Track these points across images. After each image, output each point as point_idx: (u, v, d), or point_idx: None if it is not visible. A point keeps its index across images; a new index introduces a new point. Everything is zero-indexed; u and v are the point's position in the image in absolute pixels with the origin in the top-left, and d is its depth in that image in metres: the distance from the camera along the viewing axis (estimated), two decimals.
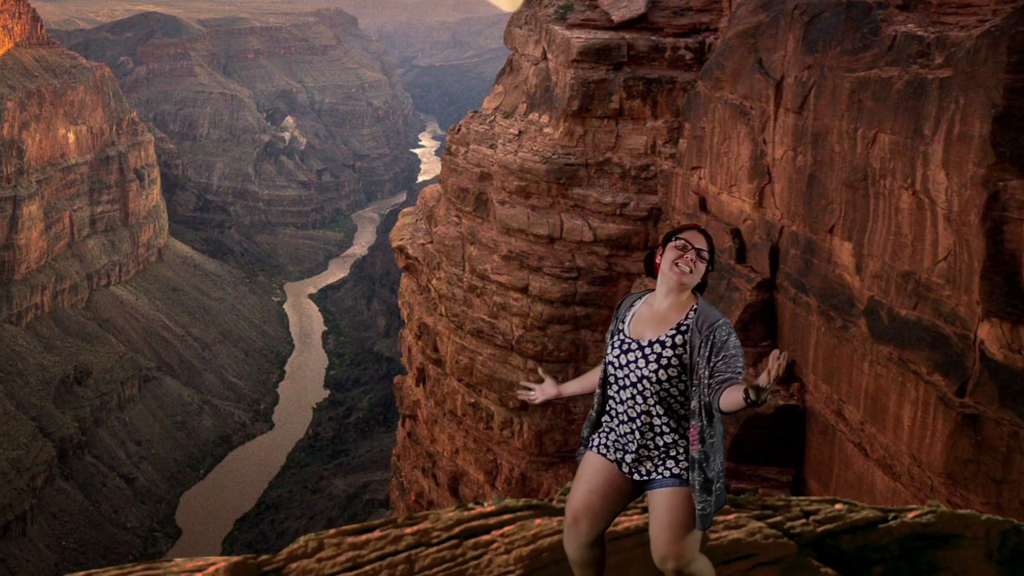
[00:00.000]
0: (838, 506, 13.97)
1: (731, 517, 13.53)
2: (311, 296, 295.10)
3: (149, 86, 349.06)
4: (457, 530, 13.47)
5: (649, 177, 51.21)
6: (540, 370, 13.73)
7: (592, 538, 11.51)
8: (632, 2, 52.28)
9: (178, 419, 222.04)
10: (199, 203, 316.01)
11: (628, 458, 11.57)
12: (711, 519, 11.28)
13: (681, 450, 11.43)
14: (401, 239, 69.94)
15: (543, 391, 12.71)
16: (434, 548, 13.11)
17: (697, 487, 11.15)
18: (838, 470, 37.65)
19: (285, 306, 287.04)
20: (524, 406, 54.14)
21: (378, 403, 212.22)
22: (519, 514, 13.90)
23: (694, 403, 11.20)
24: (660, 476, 11.41)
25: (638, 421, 11.48)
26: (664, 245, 11.63)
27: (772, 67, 41.86)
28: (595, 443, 11.94)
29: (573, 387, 12.83)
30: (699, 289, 11.64)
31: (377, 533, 13.55)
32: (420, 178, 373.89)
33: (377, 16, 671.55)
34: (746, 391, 10.59)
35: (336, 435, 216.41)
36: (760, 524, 13.30)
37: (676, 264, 11.37)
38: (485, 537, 13.25)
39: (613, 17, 52.61)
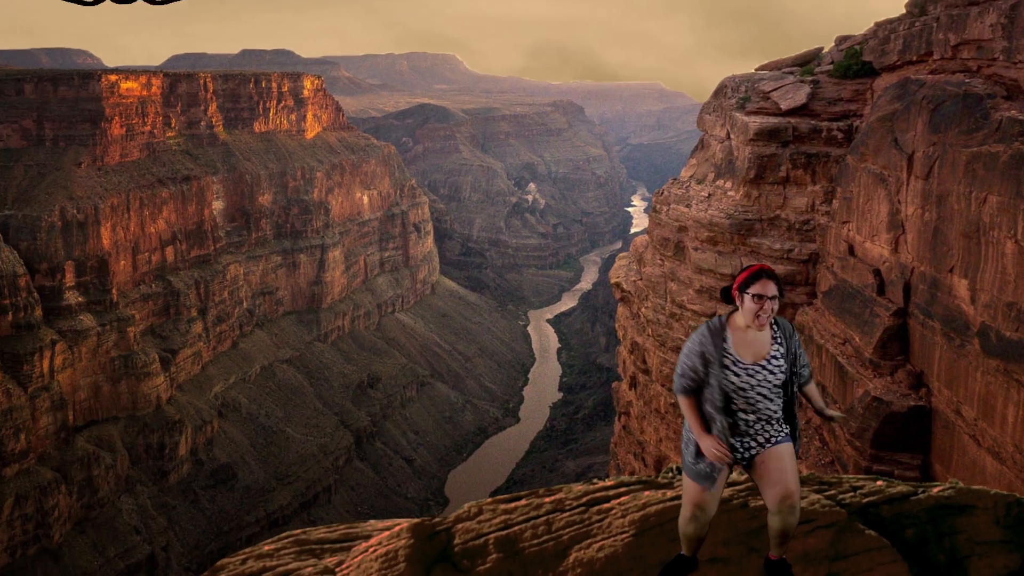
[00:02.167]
0: (879, 482, 13.95)
1: None
2: (548, 320, 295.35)
3: (424, 160, 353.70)
4: (585, 499, 13.82)
5: (809, 229, 50.23)
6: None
7: (708, 521, 11.63)
8: (796, 94, 51.72)
9: (446, 415, 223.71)
10: (463, 249, 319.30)
11: (751, 453, 11.55)
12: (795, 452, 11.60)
13: (783, 419, 11.61)
14: (618, 277, 69.61)
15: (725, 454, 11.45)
16: (567, 513, 13.46)
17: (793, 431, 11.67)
18: (957, 456, 36.74)
19: (529, 328, 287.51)
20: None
21: (600, 403, 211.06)
22: (632, 488, 14.19)
23: (790, 389, 11.58)
24: (779, 437, 11.49)
25: (768, 413, 11.50)
26: (740, 289, 11.33)
27: (905, 144, 41.14)
28: (736, 454, 11.53)
29: (694, 426, 11.76)
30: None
31: (524, 501, 14.08)
32: (632, 230, 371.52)
33: (599, 106, 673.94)
34: (820, 411, 12.01)
35: (567, 427, 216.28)
36: (818, 496, 13.36)
37: (758, 316, 11.21)
38: (606, 505, 13.54)
39: (781, 106, 51.94)
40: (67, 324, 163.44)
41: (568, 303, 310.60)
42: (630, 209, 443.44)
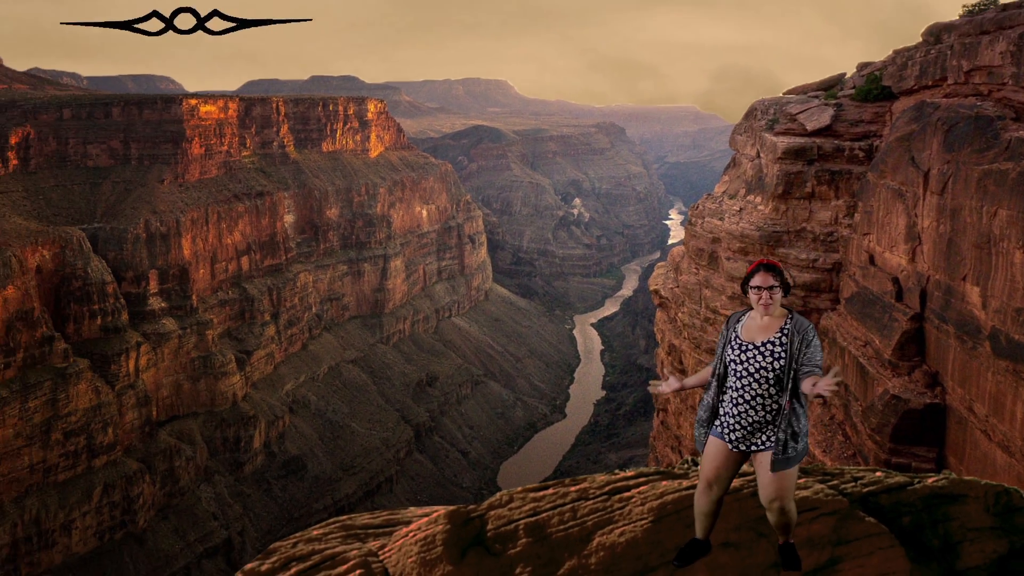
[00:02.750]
0: (878, 473, 14.03)
1: (802, 481, 13.48)
2: (592, 324, 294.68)
3: (479, 177, 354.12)
4: (607, 488, 13.86)
5: (833, 240, 50.13)
6: (667, 370, 14.02)
7: (720, 496, 11.85)
8: (820, 116, 51.78)
9: (499, 411, 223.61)
10: (513, 259, 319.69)
11: (736, 435, 11.74)
12: (798, 460, 11.57)
13: (779, 423, 11.63)
14: (656, 284, 69.69)
15: (670, 385, 12.57)
16: (591, 501, 13.54)
17: (787, 437, 11.49)
18: (969, 450, 36.74)
19: (574, 332, 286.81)
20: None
21: (640, 400, 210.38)
22: (651, 478, 14.28)
23: (791, 385, 11.55)
24: (768, 444, 11.60)
25: (753, 401, 11.68)
26: (745, 283, 11.95)
27: (921, 162, 41.22)
28: (716, 430, 11.97)
29: (692, 381, 12.71)
30: (785, 291, 11.81)
31: (551, 490, 14.08)
32: (669, 241, 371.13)
33: (639, 127, 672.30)
34: (807, 392, 11.45)
35: (610, 422, 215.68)
36: (822, 486, 13.46)
37: (760, 304, 11.69)
38: (627, 494, 13.58)
39: (807, 127, 52.02)
40: (151, 327, 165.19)
41: (610, 308, 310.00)
42: (667, 222, 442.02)
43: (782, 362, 11.61)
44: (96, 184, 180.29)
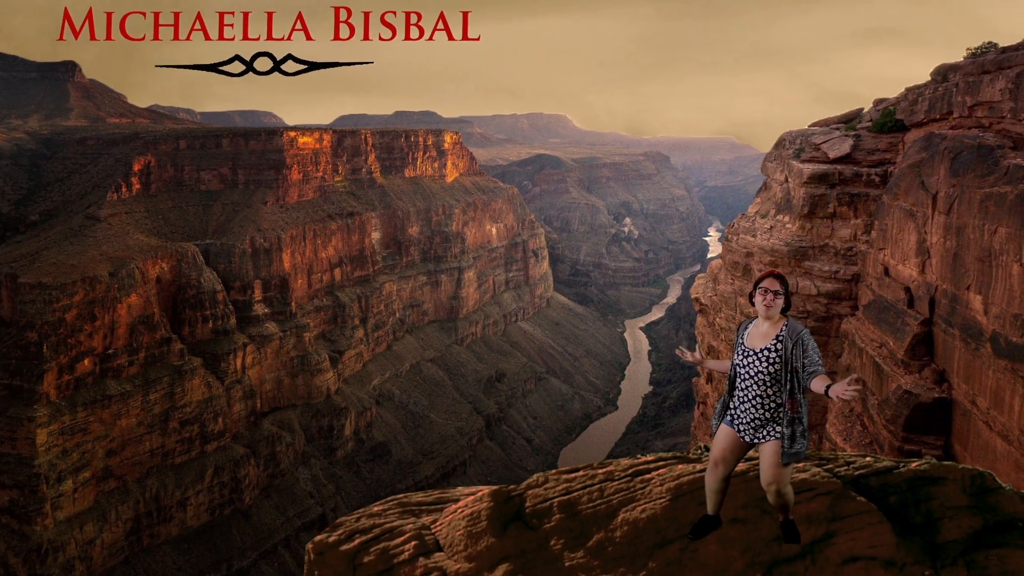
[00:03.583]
0: (868, 459, 13.98)
1: (800, 465, 13.50)
2: (641, 328, 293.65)
3: (541, 199, 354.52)
4: (630, 471, 13.92)
5: (852, 254, 49.92)
6: (692, 346, 14.06)
7: (726, 475, 12.09)
8: (841, 146, 51.56)
9: (559, 403, 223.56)
10: (571, 271, 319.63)
11: (743, 427, 12.03)
12: (800, 456, 11.85)
13: (780, 418, 11.87)
14: (697, 293, 69.32)
15: (694, 357, 13.15)
16: (616, 482, 13.59)
17: (789, 436, 11.72)
18: (972, 439, 36.55)
19: (625, 334, 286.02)
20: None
21: (683, 394, 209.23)
22: (668, 462, 14.27)
23: (789, 385, 11.79)
24: (769, 436, 11.85)
25: (756, 400, 11.92)
26: (755, 287, 12.20)
27: (930, 185, 41.11)
28: (727, 420, 12.27)
29: (712, 364, 13.29)
30: (786, 306, 11.99)
31: (581, 473, 14.15)
32: (708, 255, 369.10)
33: (682, 156, 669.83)
34: (827, 389, 11.45)
35: (656, 414, 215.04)
36: (818, 469, 13.49)
37: (763, 304, 11.94)
38: (647, 476, 13.66)
39: (829, 155, 51.73)
40: (255, 330, 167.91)
41: (657, 314, 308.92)
42: (707, 238, 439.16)
43: (776, 366, 11.82)
44: (208, 205, 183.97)
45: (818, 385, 11.57)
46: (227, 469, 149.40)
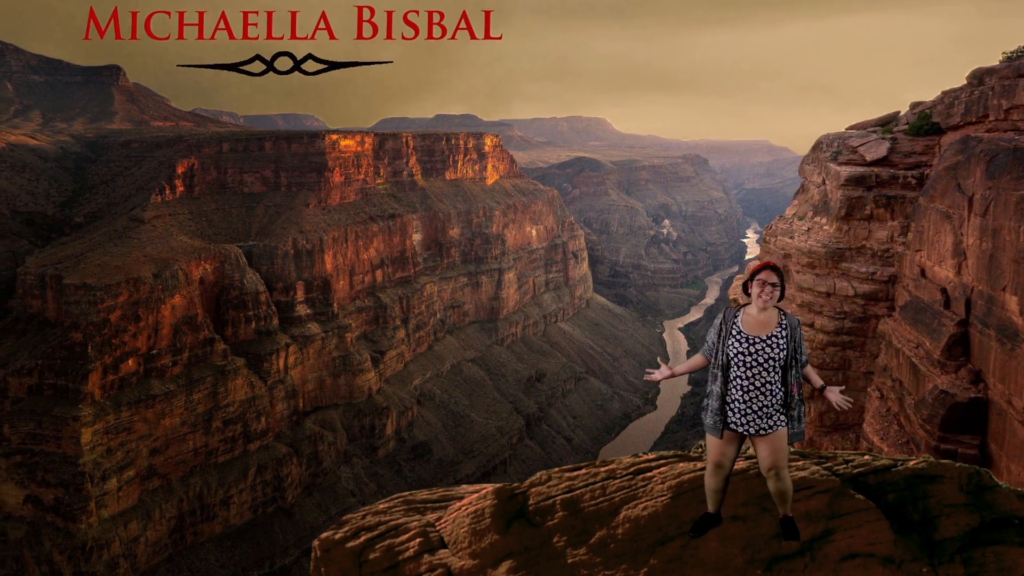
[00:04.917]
0: (866, 457, 13.92)
1: (800, 463, 13.61)
2: (679, 328, 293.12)
3: (581, 201, 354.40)
4: (632, 469, 13.88)
5: (889, 256, 49.92)
6: (659, 359, 14.15)
7: (727, 475, 12.18)
8: (878, 149, 51.40)
9: (598, 403, 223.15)
10: (611, 272, 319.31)
11: (748, 417, 12.02)
12: (800, 437, 12.03)
13: (787, 403, 12.02)
14: (735, 293, 69.28)
15: (661, 373, 12.87)
16: (618, 480, 13.56)
17: (797, 417, 11.99)
18: (1008, 438, 36.56)
19: (663, 335, 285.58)
20: (812, 394, 49.40)
21: None
22: (670, 460, 14.25)
23: (793, 372, 12.05)
24: (778, 424, 11.98)
25: (763, 387, 11.96)
26: (752, 279, 12.27)
27: (966, 188, 41.21)
28: (729, 422, 12.19)
29: (681, 369, 12.96)
30: (780, 295, 12.11)
31: (583, 471, 14.10)
32: (746, 256, 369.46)
33: (720, 158, 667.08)
34: (822, 387, 12.26)
35: (695, 413, 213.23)
36: (818, 467, 13.47)
37: (760, 296, 12.03)
38: (649, 474, 13.65)
39: (866, 158, 51.54)
40: (298, 331, 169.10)
41: (695, 315, 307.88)
42: (744, 240, 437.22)
43: (785, 352, 12.03)
44: (251, 207, 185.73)
45: (815, 379, 12.08)
46: (270, 468, 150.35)
